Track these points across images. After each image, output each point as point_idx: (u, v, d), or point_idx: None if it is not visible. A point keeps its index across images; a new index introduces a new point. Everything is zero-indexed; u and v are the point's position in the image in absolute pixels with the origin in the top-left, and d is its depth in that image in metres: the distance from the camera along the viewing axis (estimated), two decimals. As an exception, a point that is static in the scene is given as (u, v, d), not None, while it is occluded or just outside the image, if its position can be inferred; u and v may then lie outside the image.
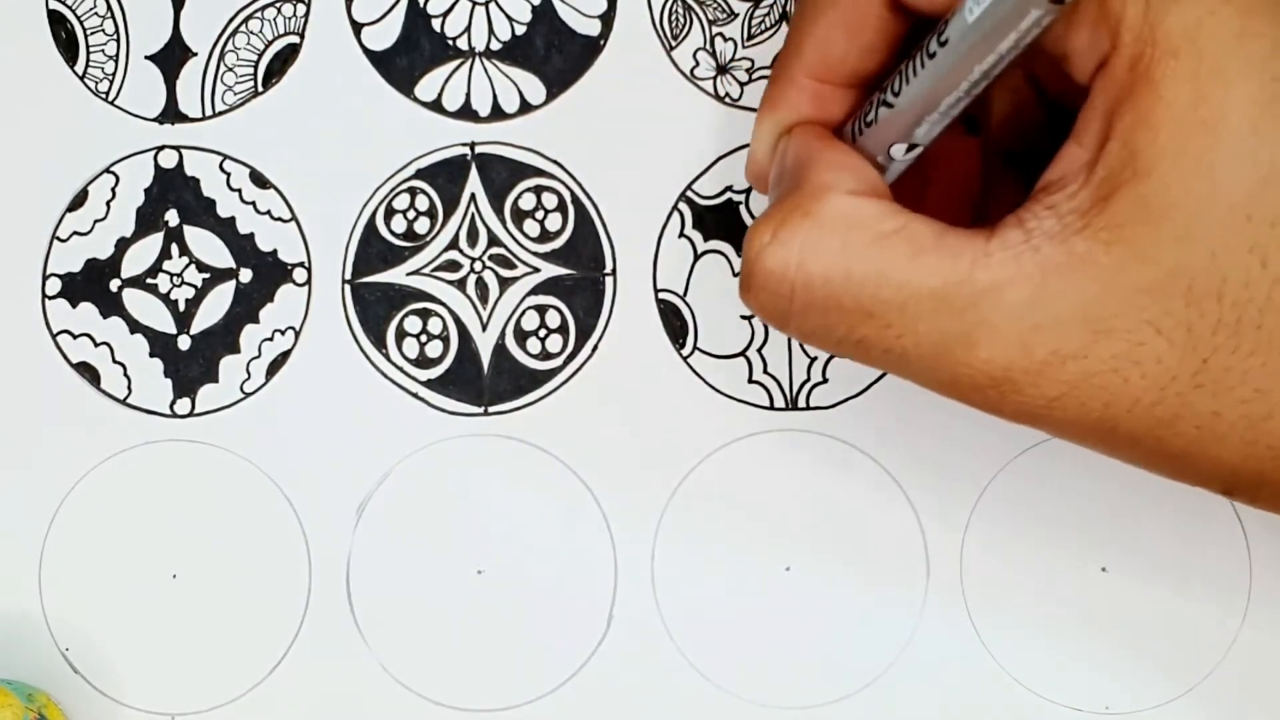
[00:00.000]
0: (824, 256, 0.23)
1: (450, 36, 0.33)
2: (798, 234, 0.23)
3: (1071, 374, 0.22)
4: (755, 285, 0.24)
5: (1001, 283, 0.22)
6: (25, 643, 0.33)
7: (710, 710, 0.32)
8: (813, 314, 0.23)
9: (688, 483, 0.32)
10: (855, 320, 0.23)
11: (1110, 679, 0.32)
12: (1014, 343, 0.22)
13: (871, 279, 0.22)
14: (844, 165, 0.24)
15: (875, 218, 0.23)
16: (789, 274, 0.23)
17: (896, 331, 0.23)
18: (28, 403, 0.33)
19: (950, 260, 0.22)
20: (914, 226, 0.23)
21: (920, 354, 0.23)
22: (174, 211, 0.33)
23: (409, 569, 0.33)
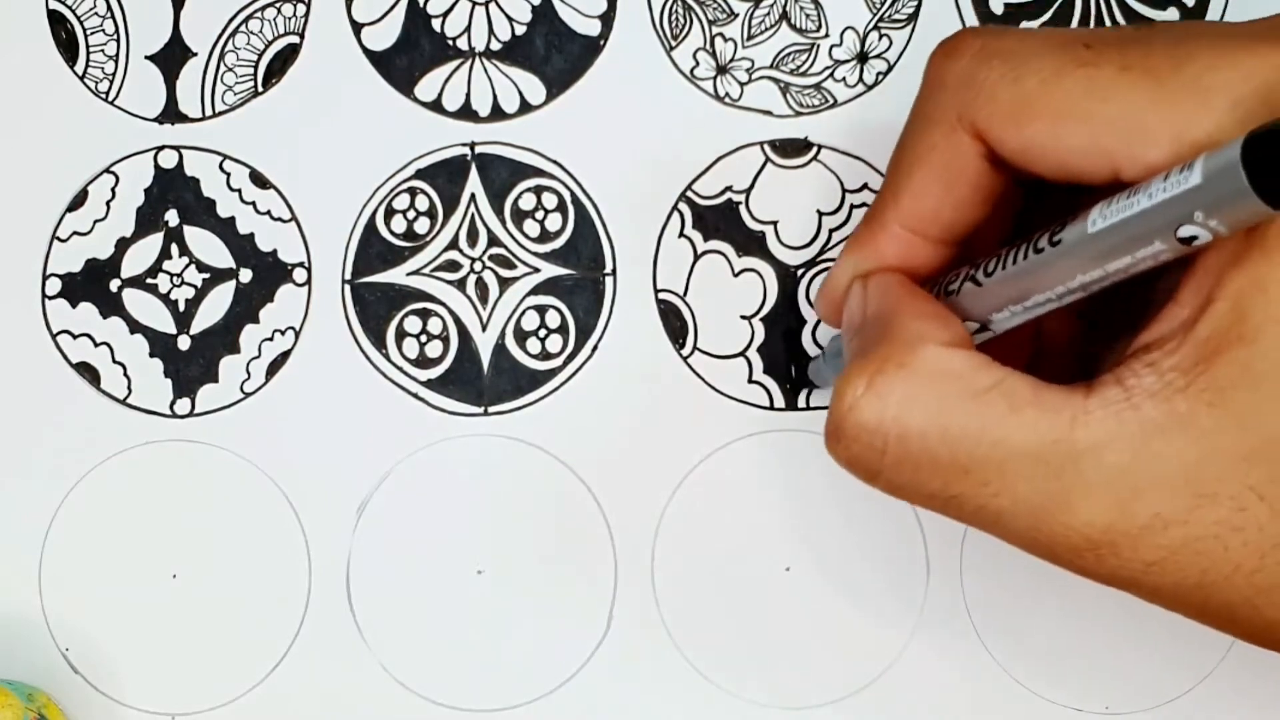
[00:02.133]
0: (921, 411, 0.22)
1: (450, 36, 0.33)
2: (894, 387, 0.22)
3: (1172, 539, 0.21)
4: (847, 438, 0.23)
5: (1102, 442, 0.21)
6: (25, 643, 0.33)
7: (710, 710, 0.32)
8: (906, 469, 0.23)
9: (688, 483, 0.32)
10: (951, 477, 0.22)
11: (1110, 679, 0.32)
12: (1114, 505, 0.21)
13: (970, 435, 0.22)
14: (934, 315, 0.24)
15: (970, 372, 0.22)
16: (884, 428, 0.23)
17: (994, 490, 0.22)
18: (28, 403, 0.33)
19: (1049, 418, 0.21)
20: (1010, 382, 0.22)
21: (1016, 513, 0.22)
22: (174, 211, 0.33)
23: (409, 569, 0.33)
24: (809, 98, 0.33)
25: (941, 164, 0.24)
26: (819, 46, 0.33)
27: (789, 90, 0.33)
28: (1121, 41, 0.22)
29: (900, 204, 0.25)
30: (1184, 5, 0.32)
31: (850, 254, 0.26)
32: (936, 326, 0.23)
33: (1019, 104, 0.22)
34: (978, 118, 0.23)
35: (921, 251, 0.25)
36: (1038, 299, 0.23)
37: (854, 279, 0.26)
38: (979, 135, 0.23)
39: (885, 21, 0.33)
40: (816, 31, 0.33)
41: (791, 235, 0.33)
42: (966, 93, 0.23)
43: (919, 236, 0.25)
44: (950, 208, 0.24)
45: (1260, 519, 0.21)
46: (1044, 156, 0.22)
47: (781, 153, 0.33)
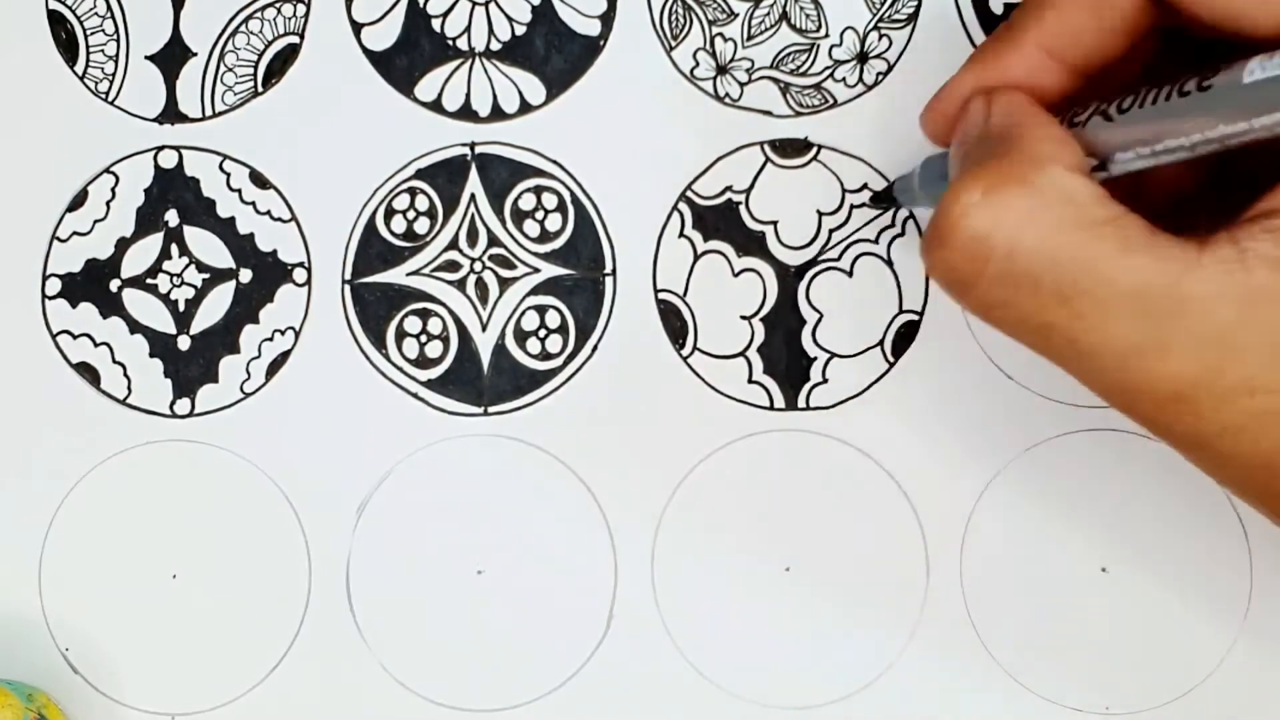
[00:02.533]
0: (1035, 229, 0.22)
1: (450, 37, 0.33)
2: (1013, 200, 0.22)
3: (1257, 407, 0.21)
4: (950, 244, 0.22)
5: (1209, 297, 0.21)
6: (25, 643, 0.33)
7: (710, 710, 0.32)
8: (1004, 287, 0.22)
9: (688, 483, 0.32)
10: (1049, 303, 0.22)
11: (1110, 679, 0.32)
12: (1209, 360, 0.21)
13: (1078, 264, 0.21)
14: (1062, 140, 0.23)
15: (1091, 202, 0.22)
16: (993, 239, 0.22)
17: (1088, 324, 0.22)
18: (28, 403, 0.33)
19: (1161, 264, 0.21)
20: (1128, 220, 0.22)
21: (1107, 352, 0.22)
22: (174, 211, 0.33)
23: (409, 569, 0.33)
24: (809, 98, 0.33)
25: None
26: (819, 46, 0.33)
27: (789, 90, 0.33)
28: None
29: (1044, 21, 0.24)
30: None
31: (975, 67, 0.25)
32: (1064, 150, 0.23)
33: None
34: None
35: (1051, 77, 0.24)
36: (1169, 144, 0.22)
37: (975, 93, 0.25)
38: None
39: (885, 21, 0.33)
40: (816, 31, 0.33)
41: (791, 235, 0.33)
42: None
43: (1054, 59, 0.24)
44: (1095, 32, 0.23)
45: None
46: None
47: (781, 153, 0.33)
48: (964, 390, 0.32)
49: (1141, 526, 0.32)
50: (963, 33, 0.32)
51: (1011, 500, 0.32)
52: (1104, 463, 0.32)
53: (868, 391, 0.32)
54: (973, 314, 0.23)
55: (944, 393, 0.32)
